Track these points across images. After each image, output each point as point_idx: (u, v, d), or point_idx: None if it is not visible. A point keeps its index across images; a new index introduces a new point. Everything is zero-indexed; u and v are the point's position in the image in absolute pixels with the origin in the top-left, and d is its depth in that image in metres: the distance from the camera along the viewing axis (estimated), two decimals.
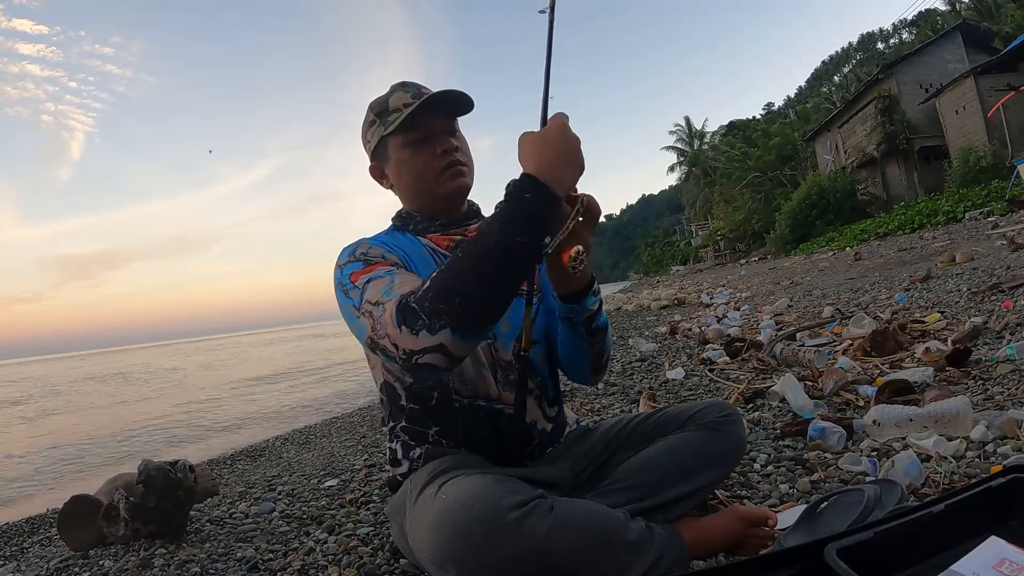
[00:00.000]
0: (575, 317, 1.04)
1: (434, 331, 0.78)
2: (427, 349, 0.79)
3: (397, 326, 0.80)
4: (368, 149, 1.13)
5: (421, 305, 0.79)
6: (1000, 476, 0.64)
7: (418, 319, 0.79)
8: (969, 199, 11.91)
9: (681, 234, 51.96)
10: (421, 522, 0.88)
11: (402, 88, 1.09)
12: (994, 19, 21.26)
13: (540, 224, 0.82)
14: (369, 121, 1.11)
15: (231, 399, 9.39)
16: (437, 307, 0.78)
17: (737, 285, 9.87)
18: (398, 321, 0.80)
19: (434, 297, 0.79)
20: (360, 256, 1.00)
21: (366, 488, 1.89)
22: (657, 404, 2.28)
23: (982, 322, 2.59)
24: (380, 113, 1.09)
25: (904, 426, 1.48)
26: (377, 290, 0.89)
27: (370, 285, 0.91)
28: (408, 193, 1.12)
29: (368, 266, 0.97)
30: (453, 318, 0.78)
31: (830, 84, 46.63)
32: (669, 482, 1.06)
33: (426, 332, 0.78)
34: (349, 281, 0.95)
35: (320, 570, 1.27)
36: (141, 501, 1.56)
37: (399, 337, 0.80)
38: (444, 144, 1.06)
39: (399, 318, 0.80)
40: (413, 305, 0.80)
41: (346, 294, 0.95)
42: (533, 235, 0.81)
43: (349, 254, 1.02)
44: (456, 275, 0.80)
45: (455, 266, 0.80)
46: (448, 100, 1.06)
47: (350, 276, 0.96)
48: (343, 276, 0.97)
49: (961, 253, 5.47)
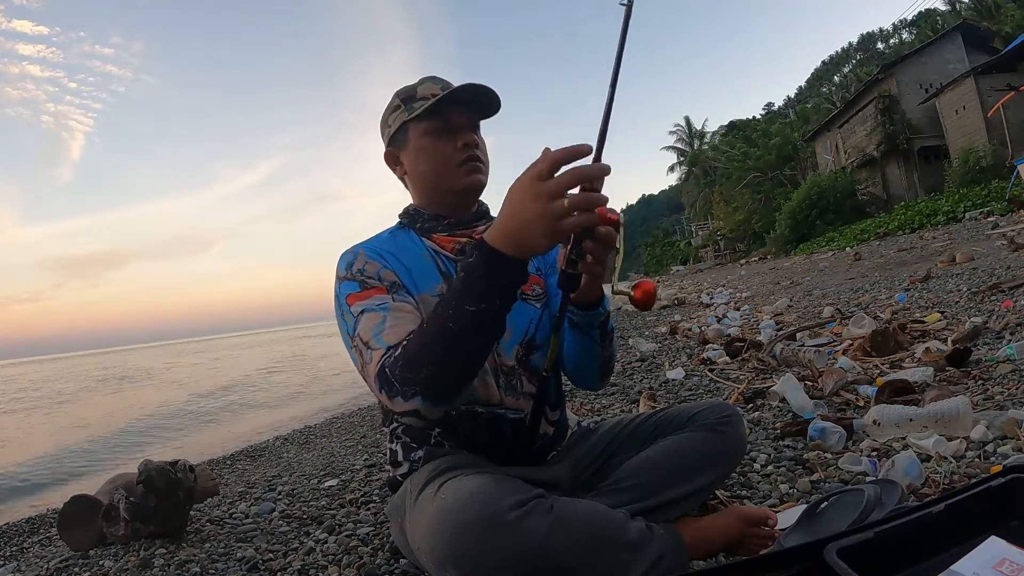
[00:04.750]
0: (593, 322, 1.04)
1: (407, 398, 0.83)
2: (403, 412, 0.85)
3: (379, 389, 0.87)
4: (387, 135, 1.12)
5: (393, 374, 0.84)
6: (1000, 476, 0.64)
7: (392, 387, 0.84)
8: (969, 199, 11.91)
9: (681, 234, 51.99)
10: (421, 522, 0.88)
11: (431, 80, 1.09)
12: (994, 19, 21.26)
13: (491, 291, 0.79)
14: (393, 106, 1.10)
15: (231, 399, 9.38)
16: (406, 376, 0.83)
17: (737, 285, 9.87)
18: (378, 386, 0.86)
19: (403, 367, 0.83)
20: (356, 274, 1.00)
21: (366, 488, 1.89)
22: (657, 404, 2.28)
23: (982, 322, 2.58)
24: (406, 99, 1.08)
25: (904, 426, 1.48)
26: (368, 328, 0.92)
27: (363, 318, 0.94)
28: (421, 183, 1.11)
29: (364, 290, 0.98)
30: (421, 388, 0.82)
31: (830, 84, 46.70)
32: (669, 482, 1.06)
33: (400, 399, 0.84)
34: (345, 304, 0.98)
35: (320, 570, 1.27)
36: (141, 501, 1.56)
37: (380, 396, 0.88)
38: (465, 138, 1.05)
39: (379, 383, 0.86)
40: (387, 373, 0.85)
41: (342, 316, 0.98)
42: (484, 303, 0.79)
43: (346, 267, 1.02)
44: (421, 345, 0.83)
45: (421, 336, 0.84)
46: (477, 96, 1.05)
47: (346, 299, 0.98)
48: (340, 294, 1.00)
49: (961, 253, 5.47)
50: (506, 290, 0.80)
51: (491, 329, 0.83)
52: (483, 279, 0.78)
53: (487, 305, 0.79)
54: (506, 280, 0.79)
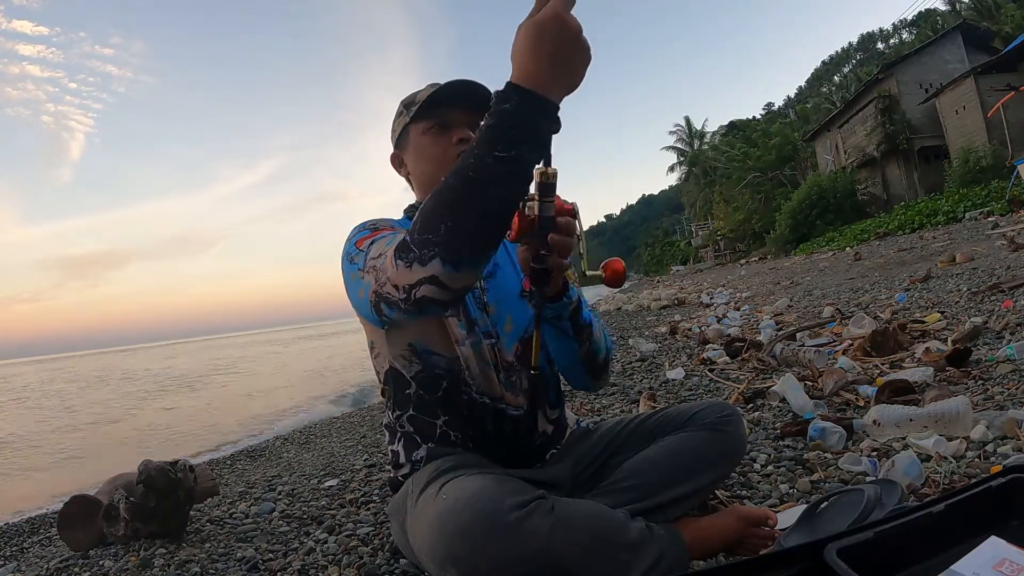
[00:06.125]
0: (562, 313, 1.04)
1: (424, 262, 0.76)
2: (421, 280, 0.77)
3: (395, 262, 0.80)
4: (393, 139, 1.18)
5: (412, 237, 0.78)
6: (1000, 476, 0.64)
7: (410, 251, 0.77)
8: (969, 199, 11.91)
9: (681, 234, 51.99)
10: (422, 522, 0.88)
11: (432, 87, 1.12)
12: (994, 19, 21.27)
13: (523, 137, 0.72)
14: (398, 112, 1.16)
15: (229, 399, 9.38)
16: (424, 237, 0.76)
17: (737, 285, 9.86)
18: (395, 257, 0.80)
19: (421, 227, 0.77)
20: (368, 226, 1.04)
21: (366, 488, 1.89)
22: (657, 404, 2.28)
23: (982, 322, 2.58)
24: (407, 104, 1.13)
25: (904, 426, 1.48)
26: (381, 246, 0.91)
27: (374, 246, 0.93)
28: (422, 180, 1.14)
29: (375, 231, 1.00)
30: (441, 247, 0.75)
31: (830, 84, 46.70)
32: (669, 482, 1.06)
33: (418, 264, 0.77)
34: (355, 247, 0.98)
35: (320, 570, 1.28)
36: (141, 501, 1.57)
37: (396, 274, 0.80)
38: (460, 133, 1.09)
39: (396, 255, 0.80)
40: (406, 239, 0.79)
41: (351, 261, 0.97)
42: (515, 150, 0.71)
43: (358, 228, 1.05)
44: (440, 201, 0.76)
45: (440, 193, 0.76)
46: (467, 92, 1.08)
47: (356, 243, 0.99)
48: (350, 246, 1.00)
49: (961, 253, 5.47)
50: (540, 136, 0.73)
51: (516, 180, 0.74)
52: (516, 122, 0.71)
53: (516, 152, 0.72)
54: (542, 124, 0.73)
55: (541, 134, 0.73)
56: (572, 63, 0.72)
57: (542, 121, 0.72)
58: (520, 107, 0.71)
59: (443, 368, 1.05)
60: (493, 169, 0.72)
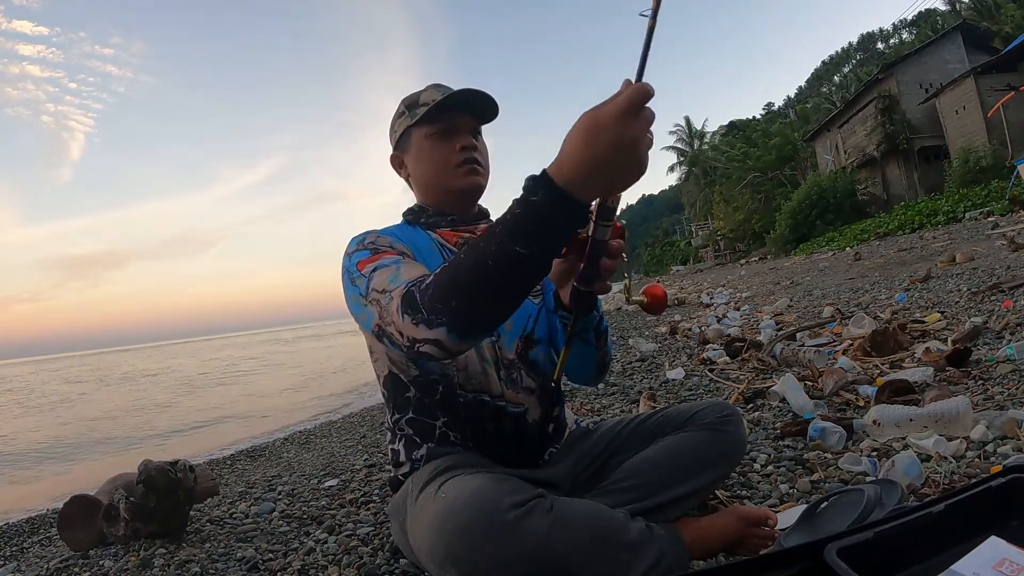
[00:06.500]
0: (589, 327, 1.05)
1: (431, 326, 0.76)
2: (426, 340, 0.78)
3: (401, 315, 0.80)
4: (393, 139, 1.17)
5: (422, 298, 0.78)
6: (1000, 476, 0.64)
7: (419, 311, 0.78)
8: (969, 199, 11.91)
9: (681, 234, 51.99)
10: (421, 521, 0.88)
11: (435, 87, 1.13)
12: (994, 19, 21.26)
13: (547, 236, 0.70)
14: (399, 112, 1.15)
15: (230, 399, 9.39)
16: (435, 305, 0.76)
17: (737, 285, 9.86)
18: (402, 309, 0.80)
19: (434, 294, 0.77)
20: (368, 245, 1.02)
21: (366, 488, 1.89)
22: (657, 404, 2.28)
23: (982, 322, 2.58)
24: (410, 105, 1.12)
25: (904, 426, 1.48)
26: (384, 279, 0.89)
27: (376, 274, 0.92)
28: (423, 184, 1.14)
29: (375, 254, 0.98)
30: (449, 318, 0.75)
31: (830, 84, 46.70)
32: (669, 482, 1.06)
33: (424, 326, 0.77)
34: (356, 270, 0.97)
35: (320, 570, 1.28)
36: (141, 501, 1.57)
37: (402, 325, 0.80)
38: (463, 140, 1.09)
39: (403, 306, 0.80)
40: (415, 295, 0.79)
41: (353, 282, 0.96)
42: (536, 248, 0.70)
43: (358, 243, 1.03)
44: (456, 277, 0.76)
45: (457, 266, 0.76)
46: (473, 100, 1.09)
47: (357, 264, 0.97)
48: (351, 264, 0.99)
49: (961, 253, 5.47)
50: (564, 235, 0.72)
51: (535, 274, 0.74)
52: (542, 220, 0.69)
53: (538, 250, 0.70)
54: (568, 225, 0.70)
55: (566, 232, 0.72)
56: (618, 173, 0.67)
57: (569, 222, 0.70)
58: (548, 206, 0.69)
59: (438, 373, 1.06)
60: (513, 261, 0.71)
